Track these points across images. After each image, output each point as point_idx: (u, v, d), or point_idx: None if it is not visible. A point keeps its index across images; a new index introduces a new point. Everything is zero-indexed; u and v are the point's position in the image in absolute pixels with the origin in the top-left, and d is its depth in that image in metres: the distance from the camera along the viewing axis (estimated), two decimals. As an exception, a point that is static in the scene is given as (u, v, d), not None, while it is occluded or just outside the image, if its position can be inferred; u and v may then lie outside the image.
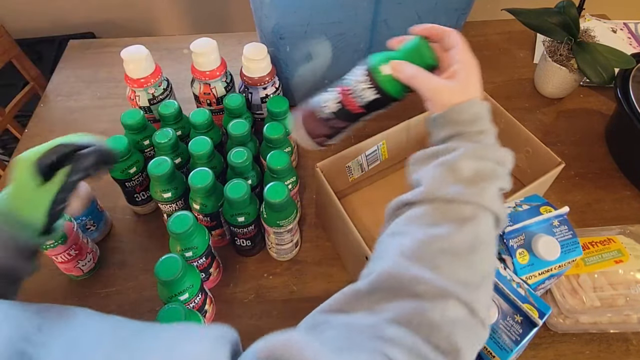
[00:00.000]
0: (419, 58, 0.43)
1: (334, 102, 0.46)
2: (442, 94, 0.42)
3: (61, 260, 0.59)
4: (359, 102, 0.45)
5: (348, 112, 0.46)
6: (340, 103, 0.45)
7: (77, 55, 0.98)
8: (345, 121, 0.47)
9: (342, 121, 0.47)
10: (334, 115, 0.46)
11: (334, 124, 0.47)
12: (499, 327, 0.43)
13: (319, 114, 0.46)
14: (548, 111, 0.87)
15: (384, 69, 0.43)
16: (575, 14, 0.81)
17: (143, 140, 0.66)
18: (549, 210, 0.50)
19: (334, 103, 0.46)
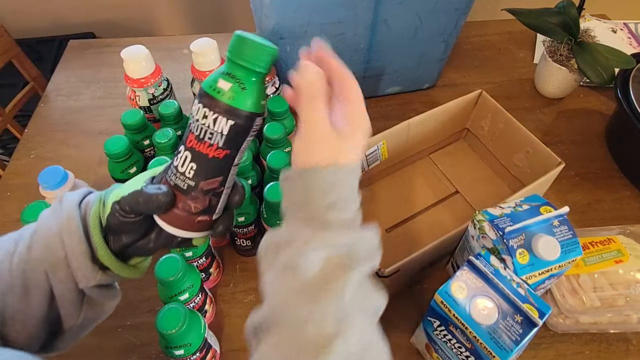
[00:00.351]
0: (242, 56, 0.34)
1: (187, 162, 0.35)
2: (317, 136, 0.34)
3: (61, 260, 0.58)
4: (214, 141, 0.34)
5: (210, 163, 0.35)
6: (195, 157, 0.34)
7: (77, 55, 0.98)
8: (214, 177, 0.35)
9: (210, 180, 0.35)
10: (194, 179, 0.35)
11: (205, 187, 0.35)
12: (499, 327, 0.43)
13: (179, 190, 0.35)
14: (548, 111, 0.87)
15: (223, 84, 0.33)
16: (575, 14, 0.81)
17: (143, 140, 0.66)
18: (549, 210, 0.50)
19: (187, 164, 0.35)
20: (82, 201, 0.38)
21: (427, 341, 0.53)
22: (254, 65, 0.34)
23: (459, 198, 0.72)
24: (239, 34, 0.34)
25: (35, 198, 0.56)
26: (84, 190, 0.40)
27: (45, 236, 0.36)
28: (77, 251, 0.35)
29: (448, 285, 0.46)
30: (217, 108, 0.33)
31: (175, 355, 0.48)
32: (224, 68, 0.34)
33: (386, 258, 0.65)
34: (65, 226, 0.36)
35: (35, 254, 0.36)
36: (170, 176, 0.36)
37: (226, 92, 0.33)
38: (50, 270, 0.36)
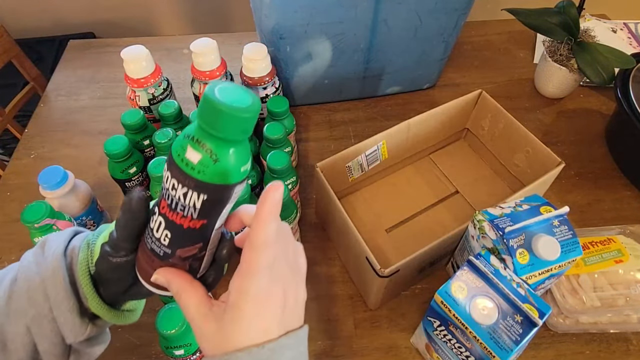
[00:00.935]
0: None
1: (161, 229, 0.30)
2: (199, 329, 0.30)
3: (61, 260, 0.58)
4: (188, 213, 0.29)
5: (185, 233, 0.30)
6: (168, 226, 0.30)
7: (77, 55, 0.98)
8: (191, 245, 0.31)
9: (187, 248, 0.31)
10: (170, 247, 0.31)
11: (183, 255, 0.31)
12: (498, 327, 0.43)
13: (156, 256, 0.31)
14: (548, 111, 0.87)
15: (191, 155, 0.27)
16: (575, 14, 0.81)
17: (143, 140, 0.66)
18: (549, 210, 0.50)
19: (161, 230, 0.30)
20: (68, 247, 0.35)
21: (427, 341, 0.53)
22: (229, 135, 0.27)
23: (459, 198, 0.72)
24: (210, 97, 0.26)
25: (35, 198, 0.56)
26: (70, 232, 0.37)
27: (27, 288, 0.33)
28: (63, 306, 0.33)
29: (448, 285, 0.46)
30: (186, 181, 0.28)
31: (175, 355, 0.48)
32: (193, 132, 0.28)
33: (386, 258, 0.65)
34: (49, 278, 0.33)
35: (15, 306, 0.33)
36: (147, 238, 0.32)
37: (195, 165, 0.27)
38: (33, 325, 0.33)
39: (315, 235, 0.69)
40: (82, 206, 0.62)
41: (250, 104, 0.27)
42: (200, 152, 0.27)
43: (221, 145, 0.27)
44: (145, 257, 0.32)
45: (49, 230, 0.54)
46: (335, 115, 0.86)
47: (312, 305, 0.62)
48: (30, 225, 0.53)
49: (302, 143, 0.82)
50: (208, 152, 0.27)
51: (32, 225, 0.53)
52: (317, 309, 0.61)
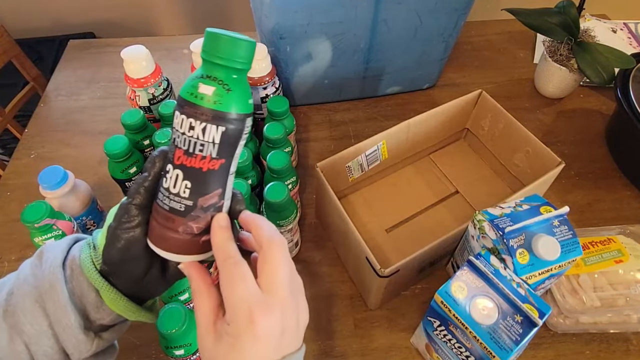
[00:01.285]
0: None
1: (180, 181, 0.31)
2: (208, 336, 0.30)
3: (61, 260, 0.58)
4: (207, 153, 0.31)
5: (206, 176, 0.31)
6: (188, 174, 0.31)
7: (77, 55, 0.98)
8: (212, 190, 0.32)
9: (209, 194, 0.32)
10: (191, 197, 0.31)
11: (205, 204, 0.32)
12: (499, 327, 0.43)
13: (176, 213, 0.32)
14: (548, 111, 0.87)
15: (204, 89, 0.30)
16: (575, 14, 0.81)
17: (143, 140, 0.66)
18: (549, 210, 0.50)
19: (179, 183, 0.31)
20: (67, 257, 0.34)
21: (427, 341, 0.53)
22: (234, 63, 0.30)
23: (459, 198, 0.72)
24: (211, 31, 0.30)
25: (35, 198, 0.56)
26: (68, 241, 0.35)
27: (24, 303, 0.32)
28: (64, 322, 0.32)
29: (448, 285, 0.46)
30: (203, 116, 0.30)
31: (175, 355, 0.48)
32: (201, 71, 0.31)
33: (386, 258, 0.65)
34: (47, 293, 0.32)
35: (12, 322, 0.32)
36: (162, 200, 0.32)
37: (210, 96, 0.30)
38: (32, 343, 0.32)
39: (315, 235, 0.69)
40: (82, 206, 0.62)
41: (246, 37, 0.30)
42: (211, 84, 0.30)
43: (229, 74, 0.30)
44: (162, 221, 0.32)
45: (49, 230, 0.54)
46: (335, 115, 0.86)
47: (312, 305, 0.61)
48: (30, 225, 0.53)
49: (302, 143, 0.82)
50: (220, 83, 0.30)
51: (32, 225, 0.53)
52: (317, 309, 0.61)
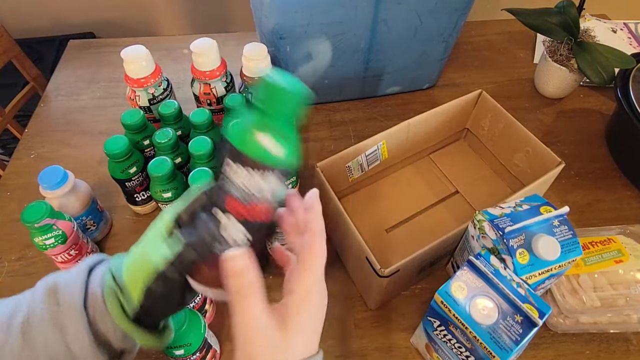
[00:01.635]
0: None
1: (241, 235, 0.32)
2: (255, 341, 0.30)
3: (61, 260, 0.59)
4: (268, 204, 0.32)
5: (266, 227, 0.33)
6: (246, 225, 0.32)
7: (77, 55, 0.98)
8: (264, 238, 0.34)
9: (264, 238, 0.34)
10: (247, 242, 0.33)
11: (260, 247, 0.34)
12: (499, 327, 0.43)
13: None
14: (548, 111, 0.87)
15: (262, 138, 0.30)
16: (575, 14, 0.81)
17: (143, 140, 0.66)
18: (549, 210, 0.50)
19: (240, 236, 0.32)
20: (87, 296, 0.33)
21: (427, 341, 0.53)
22: (296, 112, 0.30)
23: (459, 198, 0.72)
24: (268, 80, 0.29)
25: (35, 198, 0.56)
26: (83, 273, 0.34)
27: (46, 347, 0.31)
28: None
29: (448, 285, 0.46)
30: (268, 170, 0.30)
31: (175, 355, 0.48)
32: (262, 122, 0.30)
33: (386, 258, 0.65)
34: (73, 342, 0.31)
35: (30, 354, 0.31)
36: (214, 247, 0.32)
37: (277, 150, 0.30)
38: None
39: (315, 235, 0.69)
40: (82, 206, 0.62)
41: (298, 82, 0.30)
42: (278, 139, 0.30)
43: (291, 124, 0.30)
44: (212, 263, 0.31)
45: (49, 230, 0.54)
46: (335, 115, 0.86)
47: (312, 305, 0.62)
48: (30, 225, 0.53)
49: (302, 143, 0.82)
50: (283, 136, 0.30)
51: (32, 225, 0.53)
52: (317, 309, 0.61)
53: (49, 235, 0.55)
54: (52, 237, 0.55)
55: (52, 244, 0.55)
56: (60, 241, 0.56)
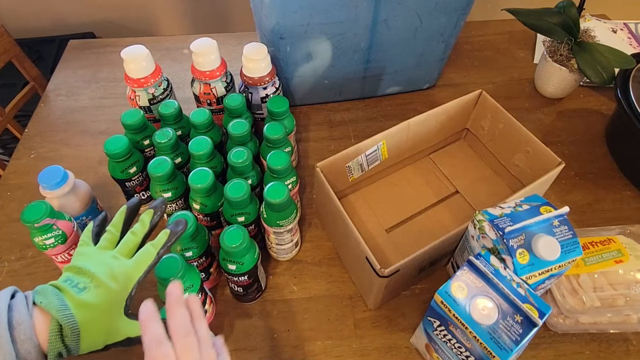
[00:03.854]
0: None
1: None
2: None
3: (61, 260, 0.58)
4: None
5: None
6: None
7: (77, 55, 0.98)
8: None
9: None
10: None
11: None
12: (498, 327, 0.43)
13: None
14: (548, 111, 0.87)
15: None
16: (575, 14, 0.81)
17: (143, 140, 0.66)
18: (549, 210, 0.50)
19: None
20: (12, 319, 0.35)
21: (427, 341, 0.53)
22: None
23: (459, 198, 0.72)
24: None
25: (35, 198, 0.56)
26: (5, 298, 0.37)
27: None
28: None
29: (448, 285, 0.46)
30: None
31: (175, 355, 0.48)
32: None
33: (386, 258, 0.65)
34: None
35: None
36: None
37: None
38: None
39: (315, 235, 0.69)
40: (82, 206, 0.62)
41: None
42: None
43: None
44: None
45: (49, 230, 0.54)
46: (335, 115, 0.86)
47: (312, 305, 0.62)
48: (30, 225, 0.53)
49: (302, 143, 0.82)
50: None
51: (32, 225, 0.53)
52: (317, 309, 0.61)
53: (49, 235, 0.55)
54: (52, 237, 0.55)
55: (52, 244, 0.55)
56: (60, 241, 0.56)
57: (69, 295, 0.38)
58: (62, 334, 0.36)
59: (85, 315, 0.37)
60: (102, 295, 0.39)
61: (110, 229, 0.45)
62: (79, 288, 0.38)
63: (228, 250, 0.52)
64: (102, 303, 0.38)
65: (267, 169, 0.60)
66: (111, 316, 0.39)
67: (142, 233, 0.44)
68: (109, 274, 0.40)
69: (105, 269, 0.40)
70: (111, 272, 0.40)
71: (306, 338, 0.59)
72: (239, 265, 0.53)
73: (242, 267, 0.54)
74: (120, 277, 0.40)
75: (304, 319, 0.60)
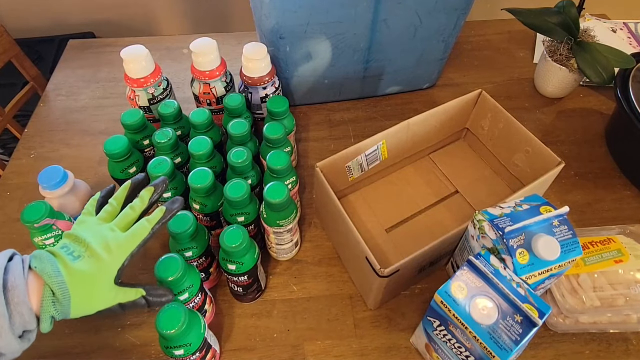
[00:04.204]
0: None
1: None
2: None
3: (61, 260, 0.58)
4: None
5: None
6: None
7: (77, 55, 0.98)
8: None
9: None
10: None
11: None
12: (498, 327, 0.43)
13: None
14: (548, 111, 0.87)
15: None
16: (575, 14, 0.81)
17: (143, 140, 0.66)
18: (549, 210, 0.50)
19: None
20: (7, 280, 0.36)
21: (427, 341, 0.53)
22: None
23: (459, 198, 0.72)
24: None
25: (35, 198, 0.56)
26: (3, 262, 0.38)
27: None
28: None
29: (448, 285, 0.46)
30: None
31: (175, 356, 0.48)
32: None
33: (386, 258, 0.65)
34: None
35: None
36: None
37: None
38: None
39: (315, 235, 0.69)
40: (82, 206, 0.62)
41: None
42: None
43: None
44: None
45: (49, 230, 0.54)
46: (335, 115, 0.86)
47: (312, 305, 0.62)
48: (30, 225, 0.53)
49: (302, 143, 0.82)
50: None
51: (32, 225, 0.53)
52: (317, 309, 0.61)
53: (48, 235, 0.55)
54: (52, 237, 0.55)
55: (52, 244, 0.55)
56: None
57: (63, 262, 0.39)
58: (54, 299, 0.38)
59: (77, 282, 0.38)
60: (95, 264, 0.40)
61: (112, 202, 0.46)
62: (74, 256, 0.40)
63: (228, 251, 0.52)
64: (94, 272, 0.40)
65: (267, 169, 0.60)
66: (102, 285, 0.40)
67: (140, 209, 0.45)
68: (104, 246, 0.41)
69: (100, 240, 0.41)
70: (106, 243, 0.41)
71: (306, 338, 0.59)
72: (239, 266, 0.53)
73: (242, 267, 0.54)
74: (114, 249, 0.41)
75: (304, 319, 0.60)
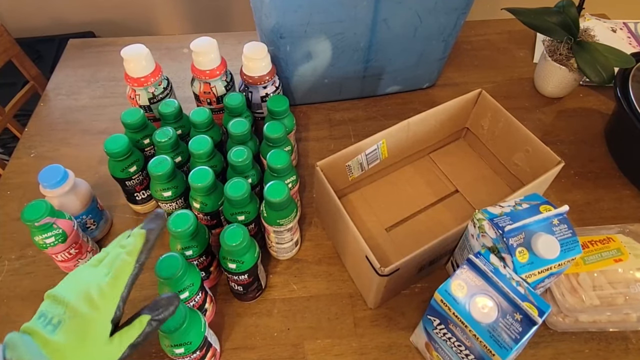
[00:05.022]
0: None
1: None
2: None
3: (61, 259, 0.59)
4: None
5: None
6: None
7: (77, 55, 0.98)
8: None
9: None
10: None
11: None
12: (498, 326, 0.43)
13: None
14: (548, 110, 0.87)
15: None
16: (575, 14, 0.81)
17: (143, 139, 0.66)
18: (549, 209, 0.50)
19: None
20: None
21: (427, 340, 0.53)
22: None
23: (459, 197, 0.72)
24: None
25: (35, 197, 0.56)
26: None
27: None
28: None
29: (448, 283, 0.46)
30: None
31: (175, 354, 0.48)
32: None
33: (386, 257, 0.65)
34: None
35: None
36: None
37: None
38: None
39: (315, 234, 0.69)
40: (82, 205, 0.62)
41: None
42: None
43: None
44: None
45: (49, 229, 0.55)
46: (335, 114, 0.87)
47: (312, 304, 0.62)
48: (31, 224, 0.53)
49: (302, 142, 0.82)
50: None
51: (32, 224, 0.53)
52: (317, 307, 0.61)
53: (49, 234, 0.55)
54: (52, 236, 0.55)
55: (52, 242, 0.55)
56: (60, 240, 0.56)
57: (41, 339, 0.35)
58: None
59: (62, 356, 0.35)
60: (79, 326, 0.36)
61: (105, 249, 0.43)
62: (53, 324, 0.35)
63: (228, 249, 0.52)
64: (79, 337, 0.35)
65: (267, 168, 0.61)
66: (93, 346, 0.36)
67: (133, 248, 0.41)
68: (85, 299, 0.37)
69: (81, 294, 0.37)
70: (87, 296, 0.37)
71: (306, 337, 0.59)
72: (239, 264, 0.54)
73: (242, 266, 0.54)
74: (97, 300, 0.37)
75: (304, 317, 0.61)
